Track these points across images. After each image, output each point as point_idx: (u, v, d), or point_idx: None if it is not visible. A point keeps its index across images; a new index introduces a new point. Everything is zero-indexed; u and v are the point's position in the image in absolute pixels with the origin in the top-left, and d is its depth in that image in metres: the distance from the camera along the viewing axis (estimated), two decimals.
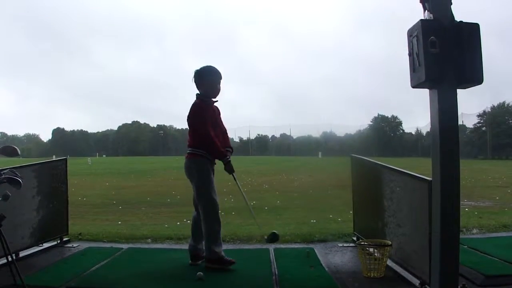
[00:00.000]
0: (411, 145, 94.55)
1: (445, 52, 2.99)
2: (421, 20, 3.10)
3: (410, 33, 3.18)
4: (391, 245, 4.45)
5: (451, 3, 3.16)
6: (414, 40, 3.11)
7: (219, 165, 4.88)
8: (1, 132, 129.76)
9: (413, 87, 3.19)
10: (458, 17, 3.13)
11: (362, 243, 4.73)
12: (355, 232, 6.01)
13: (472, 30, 3.06)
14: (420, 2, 3.28)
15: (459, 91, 3.12)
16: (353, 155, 6.26)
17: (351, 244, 5.81)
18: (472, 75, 3.04)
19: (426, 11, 3.22)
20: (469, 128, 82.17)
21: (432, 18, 3.13)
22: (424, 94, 3.27)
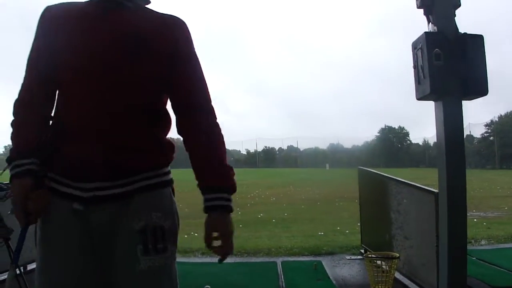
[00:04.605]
0: (418, 155, 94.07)
1: (449, 64, 3.01)
2: (425, 32, 3.13)
3: (415, 45, 3.20)
4: (399, 257, 4.43)
5: (455, 15, 3.19)
6: (419, 53, 3.13)
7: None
8: (4, 146, 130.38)
9: (418, 99, 3.22)
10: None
11: (370, 255, 4.72)
12: (362, 245, 6.00)
13: (476, 42, 3.09)
14: (424, 14, 3.31)
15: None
16: (360, 167, 6.27)
17: (359, 257, 5.78)
18: (476, 87, 3.06)
19: (430, 23, 3.24)
20: (476, 137, 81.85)
21: (436, 30, 3.16)
22: (430, 104, 3.28)
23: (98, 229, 1.59)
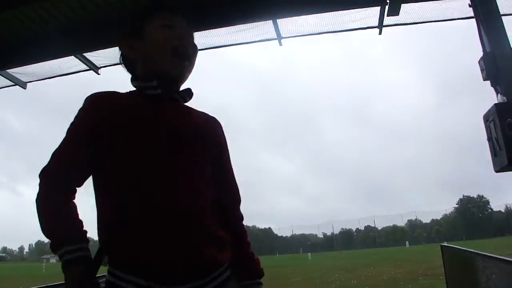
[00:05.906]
0: (502, 223, 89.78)
1: None
2: (495, 104, 3.13)
3: (486, 118, 3.20)
4: None
5: None
6: (491, 125, 3.13)
7: None
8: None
9: (496, 171, 3.17)
10: None
11: None
12: None
13: None
14: (491, 86, 3.33)
15: None
16: (442, 244, 6.11)
17: None
18: None
19: (499, 94, 3.25)
20: None
21: (505, 100, 3.16)
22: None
23: None
